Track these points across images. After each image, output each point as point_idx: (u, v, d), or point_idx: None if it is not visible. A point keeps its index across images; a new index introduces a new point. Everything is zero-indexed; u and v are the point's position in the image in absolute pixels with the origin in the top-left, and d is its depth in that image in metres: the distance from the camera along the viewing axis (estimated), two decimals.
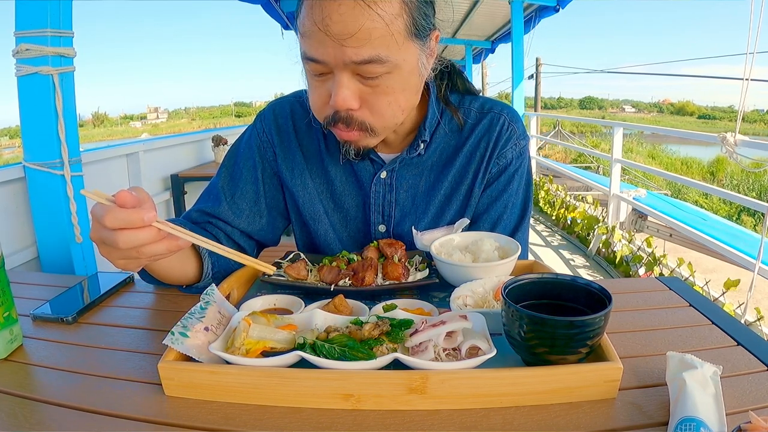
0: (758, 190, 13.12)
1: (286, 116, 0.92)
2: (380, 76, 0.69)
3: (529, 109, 11.17)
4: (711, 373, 0.53)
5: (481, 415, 0.51)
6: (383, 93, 0.71)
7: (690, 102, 61.20)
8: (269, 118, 0.93)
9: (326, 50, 0.66)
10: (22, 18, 1.48)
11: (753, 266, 2.58)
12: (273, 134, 0.92)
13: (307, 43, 0.68)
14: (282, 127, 0.92)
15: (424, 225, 0.89)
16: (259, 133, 0.92)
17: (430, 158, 0.89)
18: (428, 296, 0.76)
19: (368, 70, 0.67)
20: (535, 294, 0.61)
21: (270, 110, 0.94)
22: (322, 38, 0.65)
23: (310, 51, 0.68)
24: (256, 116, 0.95)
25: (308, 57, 0.69)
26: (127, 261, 0.59)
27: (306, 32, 0.67)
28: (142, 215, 0.53)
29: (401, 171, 0.89)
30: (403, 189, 0.89)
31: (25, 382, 0.59)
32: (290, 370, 0.53)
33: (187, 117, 66.45)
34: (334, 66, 0.68)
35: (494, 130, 0.88)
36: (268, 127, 0.92)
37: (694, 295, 0.81)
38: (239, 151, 0.94)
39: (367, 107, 0.72)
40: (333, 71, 0.69)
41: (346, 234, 0.93)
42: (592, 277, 3.52)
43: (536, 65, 13.21)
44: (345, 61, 0.66)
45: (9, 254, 1.71)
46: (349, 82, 0.69)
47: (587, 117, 41.58)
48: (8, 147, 37.03)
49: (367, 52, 0.66)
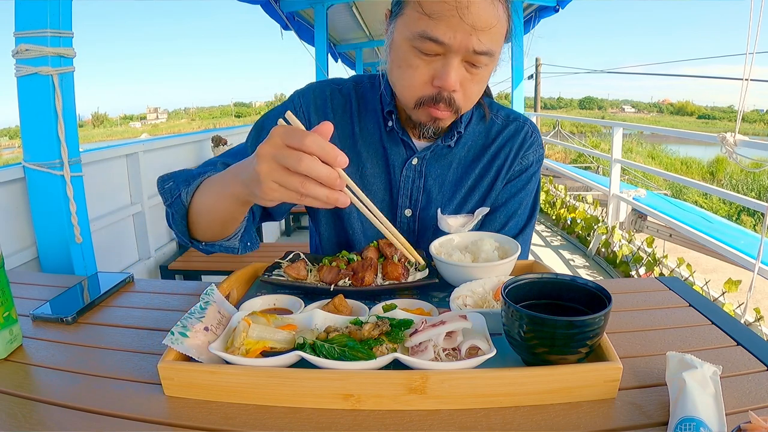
0: (758, 190, 13.13)
1: (325, 98, 0.95)
2: (481, 67, 0.76)
3: (529, 109, 11.18)
4: (711, 373, 0.53)
5: (481, 415, 0.51)
6: (477, 82, 0.78)
7: (690, 102, 61.24)
8: (308, 97, 0.94)
9: (455, 34, 0.71)
10: (21, 18, 1.47)
11: (753, 266, 2.58)
12: (311, 112, 0.93)
13: (432, 23, 0.71)
14: (320, 108, 0.94)
15: (447, 212, 0.94)
16: (296, 108, 0.94)
17: (459, 152, 0.95)
18: (428, 296, 0.76)
19: (479, 60, 0.74)
20: (535, 294, 0.61)
21: (309, 90, 0.96)
22: (455, 23, 0.70)
23: (434, 32, 0.71)
24: (294, 93, 0.96)
25: (430, 37, 0.72)
26: (283, 189, 0.56)
27: (435, 13, 0.71)
28: (338, 153, 0.54)
29: (431, 160, 0.93)
30: (432, 177, 0.94)
31: (25, 382, 0.59)
32: (290, 370, 0.53)
33: (187, 117, 66.44)
34: (455, 50, 0.73)
35: (519, 136, 0.96)
36: (306, 104, 0.94)
37: (694, 295, 0.81)
38: (269, 121, 0.93)
39: (463, 91, 0.78)
40: (446, 54, 0.74)
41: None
42: (592, 277, 3.51)
43: (536, 65, 13.21)
44: (468, 48, 0.72)
45: (9, 254, 1.71)
46: (459, 66, 0.75)
47: (587, 117, 41.59)
48: (8, 147, 37.03)
49: (487, 45, 0.73)
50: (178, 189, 0.79)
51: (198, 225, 0.80)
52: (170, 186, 0.80)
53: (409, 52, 0.76)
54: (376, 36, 6.66)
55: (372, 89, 0.95)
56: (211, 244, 0.82)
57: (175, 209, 0.79)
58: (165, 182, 0.81)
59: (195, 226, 0.80)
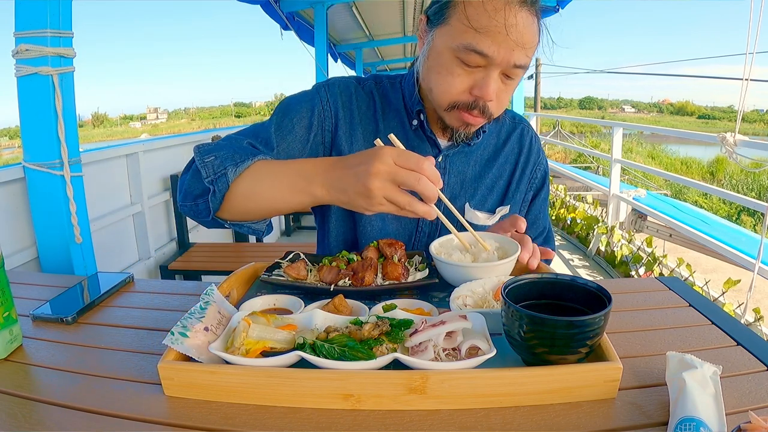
0: (758, 190, 13.12)
1: (350, 94, 0.96)
2: (514, 78, 0.81)
3: (529, 109, 11.18)
4: (711, 373, 0.53)
5: (481, 415, 0.51)
6: (509, 92, 0.83)
7: (690, 102, 61.23)
8: (335, 92, 0.95)
9: (499, 49, 0.75)
10: (21, 18, 1.47)
11: (753, 266, 2.58)
12: (338, 107, 0.94)
13: (479, 37, 0.75)
14: (346, 103, 0.95)
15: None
16: (323, 101, 0.93)
17: (477, 150, 0.99)
18: (428, 296, 0.76)
19: (516, 72, 0.79)
20: (535, 294, 0.61)
21: (335, 85, 0.96)
22: (501, 39, 0.74)
23: (480, 45, 0.75)
24: (318, 85, 0.96)
25: (476, 50, 0.76)
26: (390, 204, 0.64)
27: (482, 28, 0.74)
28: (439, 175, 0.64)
29: (453, 157, 0.97)
30: (453, 174, 0.97)
31: (25, 382, 0.59)
32: (290, 370, 0.53)
33: (187, 117, 66.43)
34: (497, 64, 0.77)
35: (525, 140, 1.03)
36: (333, 99, 0.94)
37: (694, 295, 0.81)
38: (293, 108, 0.92)
39: (497, 101, 0.82)
40: (487, 67, 0.78)
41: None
42: (591, 277, 3.51)
43: (536, 65, 13.21)
44: (510, 62, 0.76)
45: (9, 254, 1.71)
46: (497, 79, 0.79)
47: (587, 117, 41.58)
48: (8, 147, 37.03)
49: (525, 60, 0.78)
50: (224, 166, 0.76)
51: (234, 205, 0.78)
52: (212, 161, 0.77)
53: (452, 62, 0.79)
54: (376, 36, 6.66)
55: (393, 89, 0.98)
56: (239, 224, 0.82)
57: (218, 186, 0.76)
58: (205, 155, 0.78)
59: (229, 204, 0.78)
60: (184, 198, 0.82)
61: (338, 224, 0.99)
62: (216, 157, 0.77)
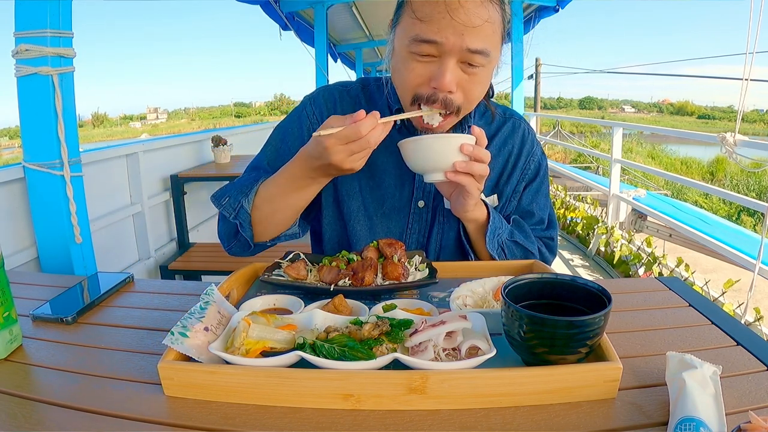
0: (758, 190, 13.12)
1: (334, 101, 0.99)
2: (478, 67, 0.78)
3: (529, 109, 11.17)
4: (711, 373, 0.53)
5: (481, 415, 0.51)
6: (477, 83, 0.80)
7: (689, 102, 61.26)
8: (320, 103, 0.99)
9: (446, 34, 0.74)
10: (21, 18, 1.47)
11: (753, 266, 2.58)
12: (324, 117, 0.96)
13: (424, 26, 0.75)
14: (331, 110, 0.98)
15: None
16: (309, 114, 0.98)
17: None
18: (428, 296, 0.76)
19: (475, 59, 0.76)
20: (535, 294, 0.61)
21: (320, 96, 1.00)
22: (446, 23, 0.73)
23: (427, 33, 0.75)
24: (305, 100, 1.02)
25: (424, 39, 0.75)
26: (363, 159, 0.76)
27: (425, 16, 0.75)
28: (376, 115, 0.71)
29: None
30: None
31: (25, 382, 0.59)
32: (290, 370, 0.53)
33: (187, 117, 66.44)
34: (448, 50, 0.75)
35: (517, 134, 1.01)
36: (319, 110, 0.98)
37: (693, 295, 0.81)
38: (287, 131, 0.99)
39: (462, 92, 0.80)
40: (441, 55, 0.76)
41: (380, 212, 0.98)
42: (591, 277, 3.51)
43: (536, 65, 13.20)
44: (461, 47, 0.74)
45: (9, 255, 1.71)
46: (454, 67, 0.77)
47: (587, 117, 41.58)
48: (8, 147, 37.03)
49: (481, 44, 0.75)
50: (237, 200, 0.87)
51: (265, 225, 0.89)
52: (228, 201, 0.88)
53: (408, 57, 0.79)
54: (376, 36, 6.66)
55: (378, 90, 0.99)
56: (277, 238, 0.92)
57: (241, 219, 0.87)
58: (220, 199, 0.89)
59: (260, 226, 0.89)
60: (227, 242, 0.94)
61: (330, 227, 1.01)
62: (229, 197, 0.88)
